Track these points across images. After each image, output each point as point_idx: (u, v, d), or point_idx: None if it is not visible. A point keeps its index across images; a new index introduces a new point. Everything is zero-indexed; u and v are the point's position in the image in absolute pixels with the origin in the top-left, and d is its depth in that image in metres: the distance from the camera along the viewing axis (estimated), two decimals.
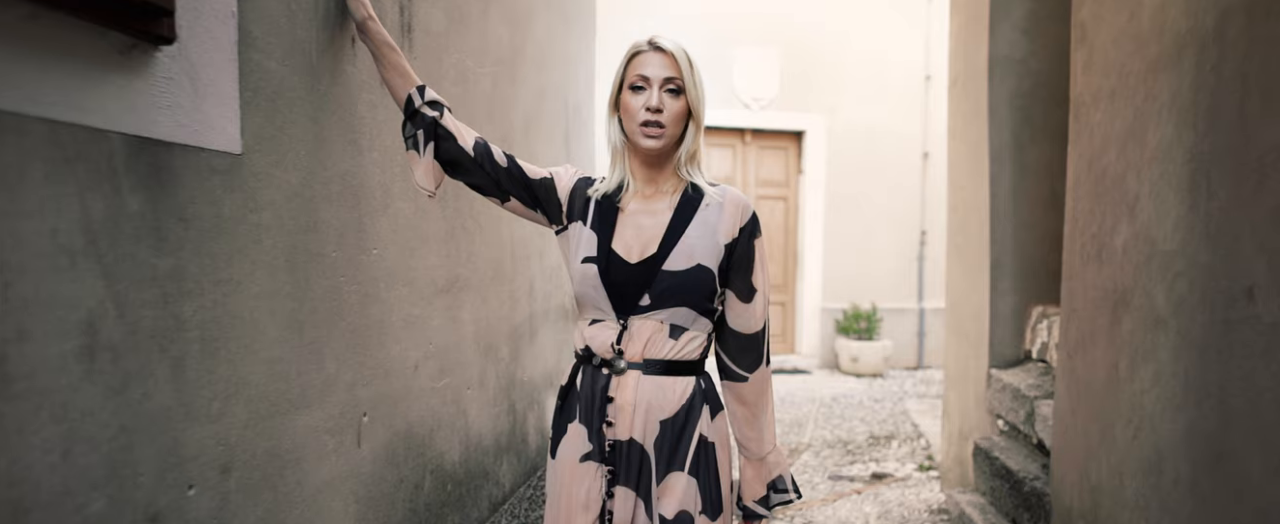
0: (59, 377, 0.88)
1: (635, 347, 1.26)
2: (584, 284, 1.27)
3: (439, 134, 1.30)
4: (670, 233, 1.27)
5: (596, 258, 1.26)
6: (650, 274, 1.24)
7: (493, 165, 1.31)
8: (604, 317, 1.28)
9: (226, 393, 1.15)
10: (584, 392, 1.30)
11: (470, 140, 1.32)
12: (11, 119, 0.82)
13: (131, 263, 0.98)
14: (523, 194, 1.33)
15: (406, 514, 1.69)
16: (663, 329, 1.26)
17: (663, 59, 1.25)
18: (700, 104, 1.28)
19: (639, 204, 1.31)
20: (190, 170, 1.07)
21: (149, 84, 0.99)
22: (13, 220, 0.82)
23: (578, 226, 1.31)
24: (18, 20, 0.82)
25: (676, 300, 1.25)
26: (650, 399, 1.26)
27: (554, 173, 1.36)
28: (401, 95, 1.33)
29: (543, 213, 1.35)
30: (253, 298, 1.20)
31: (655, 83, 1.24)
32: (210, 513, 1.12)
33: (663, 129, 1.24)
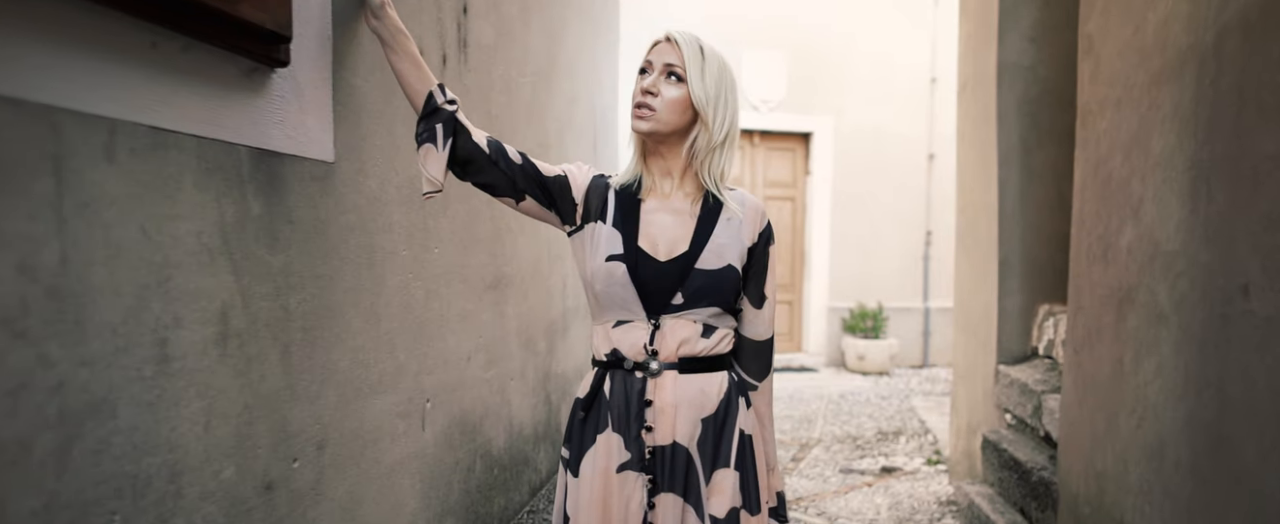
0: (202, 359, 1.01)
1: (669, 346, 1.23)
2: (610, 283, 1.22)
3: (458, 129, 1.23)
4: (700, 233, 1.24)
5: (624, 256, 1.22)
6: (683, 272, 1.22)
7: (508, 163, 1.24)
8: (633, 317, 1.23)
9: (321, 377, 1.28)
10: (615, 398, 1.24)
11: (483, 138, 1.26)
12: (172, 136, 0.94)
13: (253, 260, 1.10)
14: (538, 193, 1.27)
15: (461, 495, 1.82)
16: (696, 328, 1.24)
17: (669, 46, 1.23)
18: (709, 103, 1.22)
19: (657, 202, 1.27)
20: (296, 177, 1.20)
21: (267, 101, 1.12)
22: (171, 223, 0.95)
23: (597, 226, 1.26)
24: (177, 51, 0.95)
25: (709, 299, 1.23)
26: (690, 398, 1.23)
27: (567, 170, 1.30)
28: (418, 88, 1.23)
29: (556, 213, 1.29)
30: (341, 292, 1.33)
31: (656, 67, 1.23)
32: (309, 485, 1.25)
33: (650, 111, 1.21)
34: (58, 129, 0.80)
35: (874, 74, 7.26)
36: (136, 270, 0.90)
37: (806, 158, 7.45)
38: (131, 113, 0.89)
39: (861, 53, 7.23)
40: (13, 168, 0.75)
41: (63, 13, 0.80)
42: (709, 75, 1.23)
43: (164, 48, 0.93)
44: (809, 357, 7.32)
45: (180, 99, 0.96)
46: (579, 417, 1.27)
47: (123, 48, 0.88)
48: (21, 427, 0.77)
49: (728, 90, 1.25)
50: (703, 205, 1.27)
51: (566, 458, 1.29)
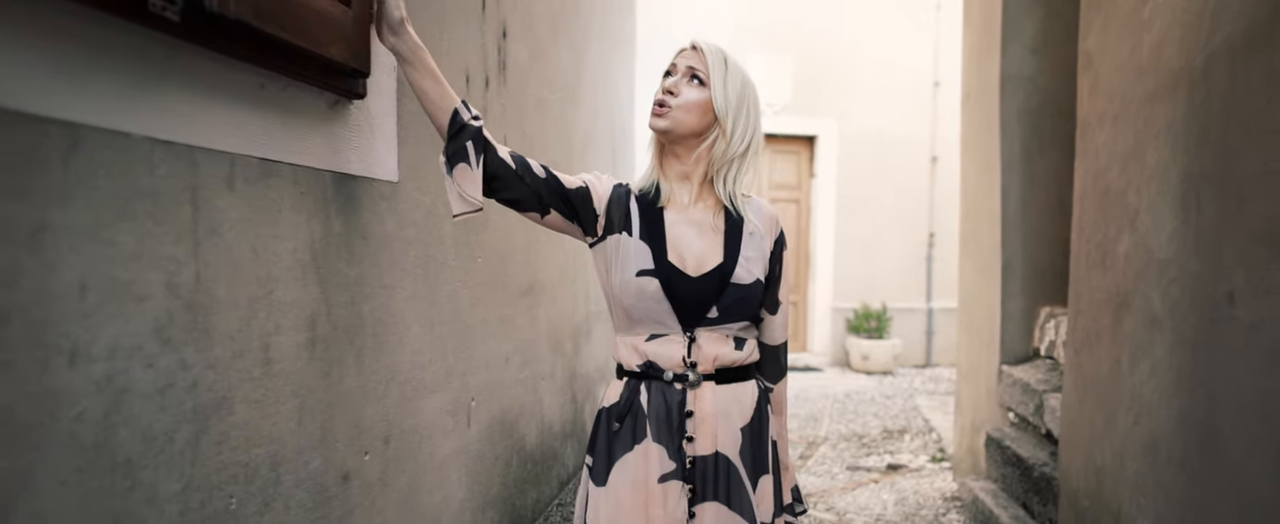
0: (295, 362, 1.13)
1: (706, 359, 1.24)
2: (642, 298, 1.22)
3: (487, 145, 1.19)
4: (729, 247, 1.25)
5: (656, 271, 1.22)
6: (718, 287, 1.23)
7: (533, 177, 1.22)
8: (667, 331, 1.24)
9: (387, 378, 1.40)
10: (655, 409, 1.24)
11: (507, 153, 1.23)
12: (275, 166, 1.07)
13: (334, 273, 1.23)
14: (562, 206, 1.25)
15: (500, 488, 1.95)
16: (728, 341, 1.26)
17: (693, 52, 1.25)
18: (729, 111, 1.23)
19: (677, 213, 1.27)
20: (367, 197, 1.32)
21: (346, 130, 1.25)
22: (274, 242, 1.08)
23: (621, 238, 1.25)
24: (279, 91, 1.07)
25: (741, 313, 1.25)
26: (728, 408, 1.25)
27: (588, 181, 1.29)
28: (441, 104, 1.18)
29: (579, 225, 1.28)
30: (403, 300, 1.46)
31: (679, 70, 1.25)
32: (377, 475, 1.37)
33: (668, 109, 1.22)
34: (194, 165, 0.92)
35: (878, 78, 7.39)
36: (248, 285, 1.03)
37: (811, 160, 7.57)
38: (246, 147, 1.01)
39: (865, 57, 7.36)
40: (164, 199, 0.88)
41: (196, 62, 0.92)
42: (731, 85, 1.24)
43: (269, 88, 1.06)
44: (814, 356, 7.44)
45: (281, 132, 1.09)
46: (614, 427, 1.26)
47: (239, 90, 1.00)
48: (168, 420, 0.89)
49: (750, 104, 1.26)
50: (727, 219, 1.27)
51: (591, 466, 1.28)
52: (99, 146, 0.79)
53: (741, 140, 1.26)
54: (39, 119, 0.73)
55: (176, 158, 0.90)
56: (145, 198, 0.85)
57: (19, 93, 0.70)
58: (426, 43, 1.52)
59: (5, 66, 0.69)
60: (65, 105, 0.75)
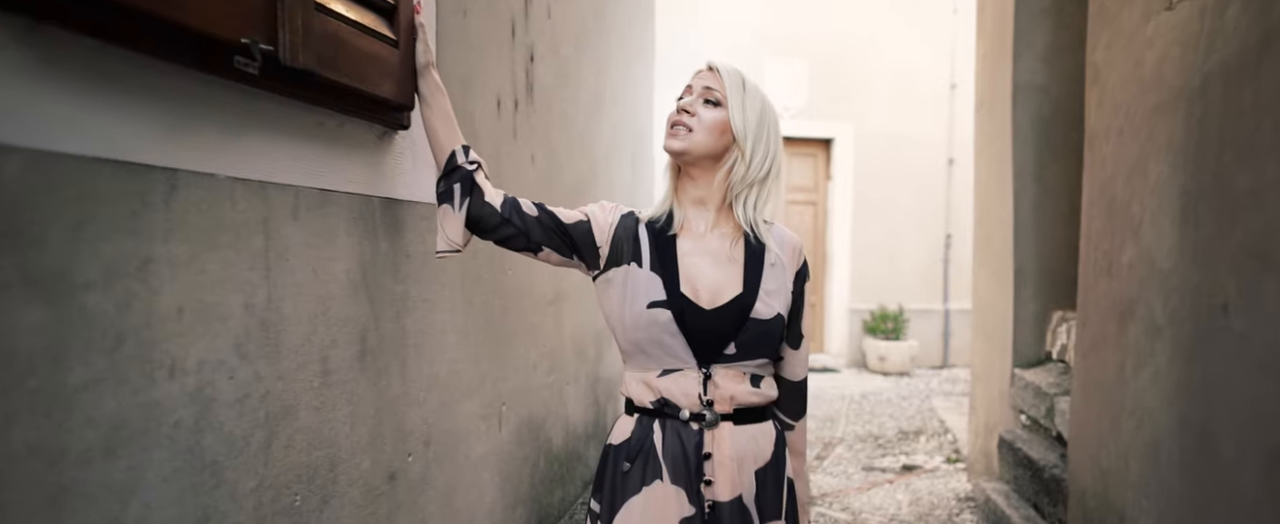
0: (348, 372, 1.25)
1: (723, 397, 1.18)
2: (654, 330, 1.16)
3: (474, 189, 1.21)
4: (749, 278, 1.19)
5: (668, 302, 1.16)
6: (736, 321, 1.17)
7: (520, 217, 1.21)
8: (681, 366, 1.18)
9: (427, 385, 1.52)
10: (670, 450, 1.18)
11: (498, 197, 1.23)
12: (331, 195, 1.19)
13: (382, 290, 1.34)
14: (556, 241, 1.22)
15: (528, 487, 2.06)
16: (746, 379, 1.20)
17: (709, 74, 1.22)
18: (748, 134, 1.19)
19: (692, 242, 1.22)
20: (410, 218, 1.44)
21: (392, 159, 1.36)
22: (331, 263, 1.19)
23: (629, 269, 1.20)
24: (335, 127, 1.19)
25: (760, 350, 1.19)
26: (746, 450, 1.20)
27: (589, 213, 1.25)
28: (445, 146, 1.23)
29: (580, 259, 1.24)
30: (441, 312, 1.57)
31: (696, 91, 1.21)
32: (420, 475, 1.49)
33: (684, 130, 1.18)
34: (266, 198, 1.04)
35: (894, 80, 7.44)
36: (309, 303, 1.14)
37: (828, 163, 7.64)
38: (307, 179, 1.13)
39: (882, 60, 7.41)
40: (242, 231, 0.99)
41: (267, 107, 1.04)
42: (750, 106, 1.19)
43: (327, 125, 1.17)
44: (831, 357, 7.51)
45: (337, 164, 1.20)
46: (623, 468, 1.20)
47: (302, 129, 1.12)
48: (245, 425, 1.01)
49: (769, 127, 1.22)
50: (746, 247, 1.21)
51: (596, 511, 1.23)
52: (193, 188, 0.91)
53: (762, 164, 1.20)
54: (148, 167, 0.84)
55: (252, 193, 1.01)
56: (227, 230, 0.97)
57: (133, 147, 0.82)
58: (462, 71, 1.65)
59: (124, 125, 0.81)
60: (167, 154, 0.87)
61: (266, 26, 0.94)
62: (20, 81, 0.69)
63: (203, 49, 0.87)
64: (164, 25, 0.80)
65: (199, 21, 0.84)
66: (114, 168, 0.80)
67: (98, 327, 0.79)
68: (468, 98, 1.65)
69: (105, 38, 0.76)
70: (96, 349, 0.79)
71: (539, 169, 2.14)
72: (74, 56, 0.75)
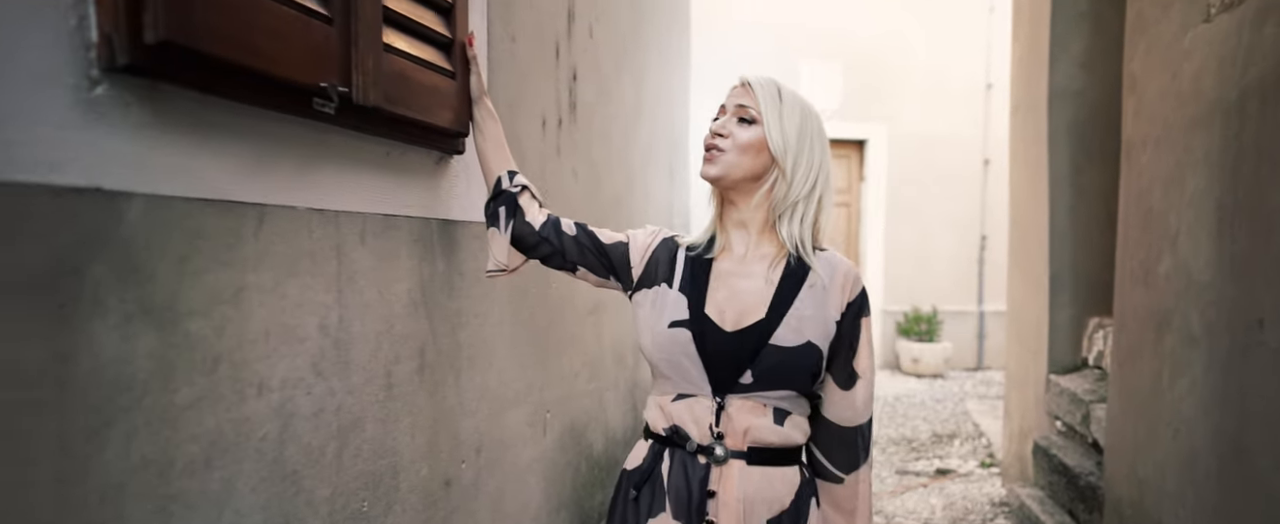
0: (408, 385, 1.33)
1: (736, 431, 1.10)
2: (673, 351, 1.12)
3: (516, 210, 1.26)
4: (778, 301, 1.11)
5: (689, 322, 1.12)
6: (753, 347, 1.09)
7: (558, 236, 1.24)
8: (696, 392, 1.12)
9: (479, 395, 1.60)
10: (675, 483, 1.13)
11: (540, 217, 1.26)
12: (395, 220, 1.27)
13: (439, 307, 1.42)
14: (593, 260, 1.23)
15: (571, 492, 2.14)
16: (766, 413, 1.11)
17: (742, 90, 1.16)
18: (788, 150, 1.12)
19: (731, 263, 1.17)
20: (464, 237, 1.52)
21: (448, 182, 1.44)
22: (394, 284, 1.27)
23: (659, 290, 1.17)
24: (398, 155, 1.27)
25: (782, 381, 1.09)
26: (757, 494, 1.10)
27: (631, 236, 1.26)
28: (494, 170, 1.30)
29: (617, 279, 1.25)
30: (491, 326, 1.65)
31: (729, 110, 1.15)
32: (472, 482, 1.57)
33: (718, 153, 1.13)
34: (338, 226, 1.12)
35: (929, 81, 7.40)
36: (375, 322, 1.22)
37: (861, 164, 7.63)
38: (374, 206, 1.21)
39: (916, 60, 7.38)
40: (318, 257, 1.07)
41: (339, 141, 1.12)
42: (788, 120, 1.12)
43: (392, 154, 1.25)
44: None
45: (399, 190, 1.28)
46: (631, 495, 1.17)
47: (369, 159, 1.20)
48: (321, 437, 1.09)
49: (813, 140, 1.14)
50: (785, 268, 1.14)
51: None
52: (277, 220, 0.99)
53: (805, 180, 1.13)
54: (240, 204, 0.92)
55: (326, 222, 1.09)
56: (306, 257, 1.05)
57: (228, 186, 0.90)
58: (511, 94, 1.72)
59: (219, 167, 0.89)
60: (255, 191, 0.95)
61: (342, 70, 1.02)
62: (141, 135, 0.77)
63: (287, 94, 0.95)
64: (257, 76, 0.88)
65: (287, 71, 0.92)
66: (213, 206, 0.88)
67: (199, 350, 0.87)
68: (515, 119, 1.73)
69: (207, 90, 0.84)
70: (198, 370, 0.87)
71: (581, 183, 2.21)
72: (181, 110, 0.83)
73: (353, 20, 1.04)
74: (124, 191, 0.76)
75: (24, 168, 0.65)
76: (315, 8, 0.97)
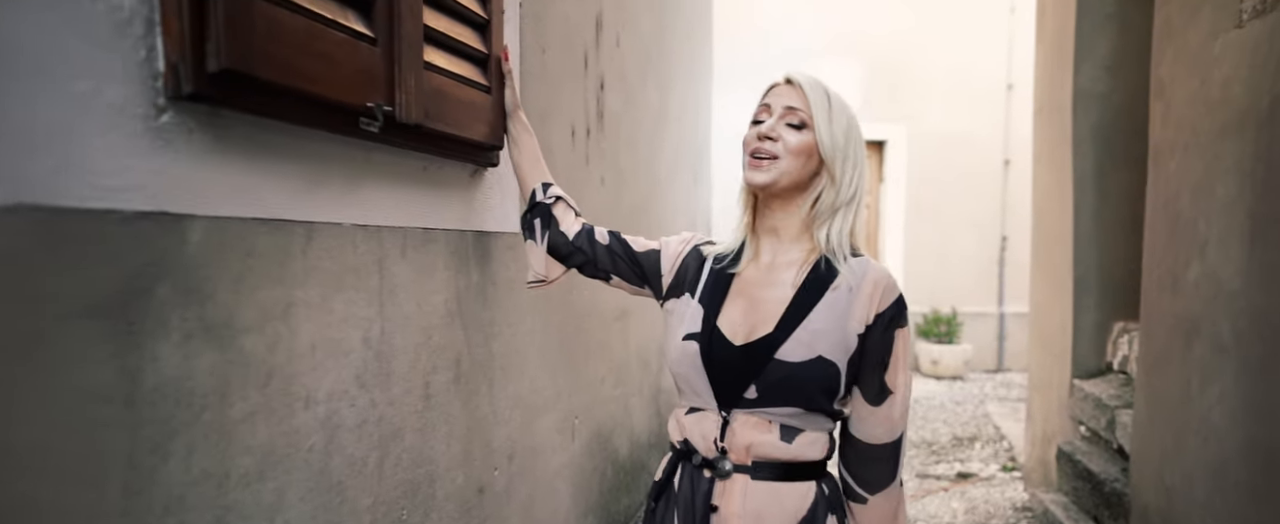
0: (444, 395, 1.35)
1: (738, 446, 1.07)
2: (682, 364, 1.10)
3: (551, 220, 1.27)
4: (790, 313, 1.06)
5: (699, 335, 1.09)
6: (758, 362, 1.05)
7: (590, 244, 1.25)
8: (704, 406, 1.10)
9: (511, 403, 1.62)
10: (682, 496, 1.11)
11: (574, 226, 1.27)
12: (432, 232, 1.29)
13: (473, 317, 1.45)
14: (626, 269, 1.23)
15: (598, 496, 2.16)
16: (772, 429, 1.06)
17: (791, 90, 1.09)
18: (837, 154, 1.07)
19: (758, 272, 1.12)
20: (497, 248, 1.54)
21: (482, 194, 1.46)
22: (432, 296, 1.29)
23: (684, 300, 1.15)
24: (436, 170, 1.29)
25: (788, 398, 1.04)
26: (762, 509, 1.06)
27: (664, 243, 1.24)
28: (529, 183, 1.32)
29: (650, 287, 1.23)
30: (522, 335, 1.67)
31: (776, 111, 1.08)
32: (504, 488, 1.59)
33: (771, 161, 1.06)
34: (381, 241, 1.14)
35: (949, 81, 7.36)
36: (414, 334, 1.25)
37: (881, 165, 7.60)
38: (413, 220, 1.23)
39: (936, 60, 7.34)
40: (362, 272, 1.10)
41: (381, 158, 1.14)
42: (837, 123, 1.08)
43: (429, 168, 1.28)
44: None
45: (437, 204, 1.30)
46: (650, 506, 1.18)
47: (408, 174, 1.22)
48: (364, 448, 1.12)
49: (856, 142, 1.10)
50: (810, 274, 1.09)
51: None
52: (324, 237, 1.02)
53: (850, 185, 1.09)
54: (290, 222, 0.95)
55: (369, 237, 1.12)
56: (350, 272, 1.08)
57: (279, 205, 0.93)
58: (542, 105, 1.74)
59: (272, 187, 0.92)
60: (304, 209, 0.97)
61: (386, 89, 1.05)
62: (203, 159, 0.80)
63: (336, 114, 0.98)
64: (309, 99, 0.91)
65: (336, 92, 0.94)
66: (266, 225, 0.91)
67: (252, 365, 0.90)
68: (546, 129, 1.75)
69: (262, 114, 0.87)
70: (252, 385, 0.90)
71: (608, 191, 2.23)
72: (238, 133, 0.85)
73: (396, 40, 1.06)
74: (187, 214, 0.79)
75: (99, 195, 0.68)
76: (362, 29, 1.00)
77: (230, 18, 0.76)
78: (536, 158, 1.36)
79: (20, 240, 0.61)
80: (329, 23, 0.93)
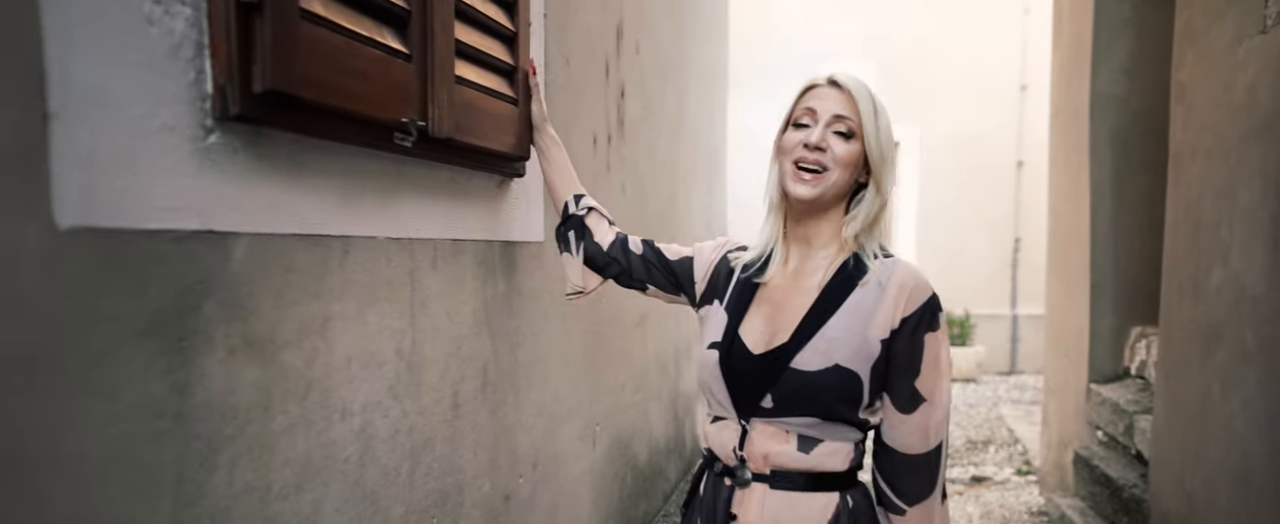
0: (472, 403, 1.36)
1: (758, 455, 1.05)
2: (704, 372, 1.09)
3: (584, 232, 1.28)
4: (809, 320, 1.03)
5: (720, 343, 1.08)
6: (774, 371, 1.02)
7: (625, 254, 1.25)
8: (725, 414, 1.09)
9: (535, 411, 1.63)
10: (705, 503, 1.11)
11: (608, 236, 1.27)
12: (461, 243, 1.30)
13: (499, 326, 1.46)
14: (661, 277, 1.23)
15: (617, 502, 2.17)
16: (789, 439, 1.03)
17: (839, 95, 1.03)
18: (884, 163, 1.04)
19: (784, 279, 1.10)
20: (522, 257, 1.55)
21: (508, 204, 1.47)
22: (460, 306, 1.31)
23: (714, 307, 1.13)
24: (464, 181, 1.30)
25: (804, 407, 1.01)
26: (779, 519, 1.03)
27: (698, 249, 1.22)
28: (561, 196, 1.33)
29: (685, 295, 1.22)
30: (546, 344, 1.68)
31: (822, 118, 1.03)
32: (528, 495, 1.60)
33: (821, 173, 1.02)
34: (412, 253, 1.16)
35: (962, 82, 7.34)
36: (443, 344, 1.26)
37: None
38: (443, 232, 1.24)
39: (949, 61, 7.32)
40: (394, 284, 1.11)
41: (412, 171, 1.16)
42: (882, 129, 1.04)
43: (458, 180, 1.29)
44: None
45: (465, 215, 1.32)
46: (683, 513, 1.19)
47: (437, 186, 1.23)
48: (397, 458, 1.13)
49: (893, 145, 1.08)
50: (838, 271, 1.05)
51: None
52: (359, 251, 1.03)
53: (888, 189, 1.07)
54: (328, 237, 0.96)
55: (402, 250, 1.13)
56: (384, 285, 1.09)
57: (318, 221, 0.94)
58: (566, 115, 1.75)
59: (311, 203, 0.93)
60: (341, 224, 0.99)
61: (420, 104, 1.06)
62: (247, 178, 0.81)
63: (372, 130, 0.99)
64: (348, 116, 0.92)
65: (373, 109, 0.95)
66: (305, 241, 0.92)
67: (292, 379, 0.91)
68: (570, 138, 1.76)
69: (302, 132, 0.88)
70: (292, 398, 0.91)
71: (629, 198, 2.24)
72: (280, 152, 0.87)
73: (429, 56, 1.07)
74: (232, 232, 0.80)
75: (157, 215, 0.69)
76: (397, 46, 1.01)
77: (276, 39, 0.77)
78: (566, 169, 1.36)
79: (87, 263, 0.63)
80: (367, 41, 0.94)
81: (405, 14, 1.03)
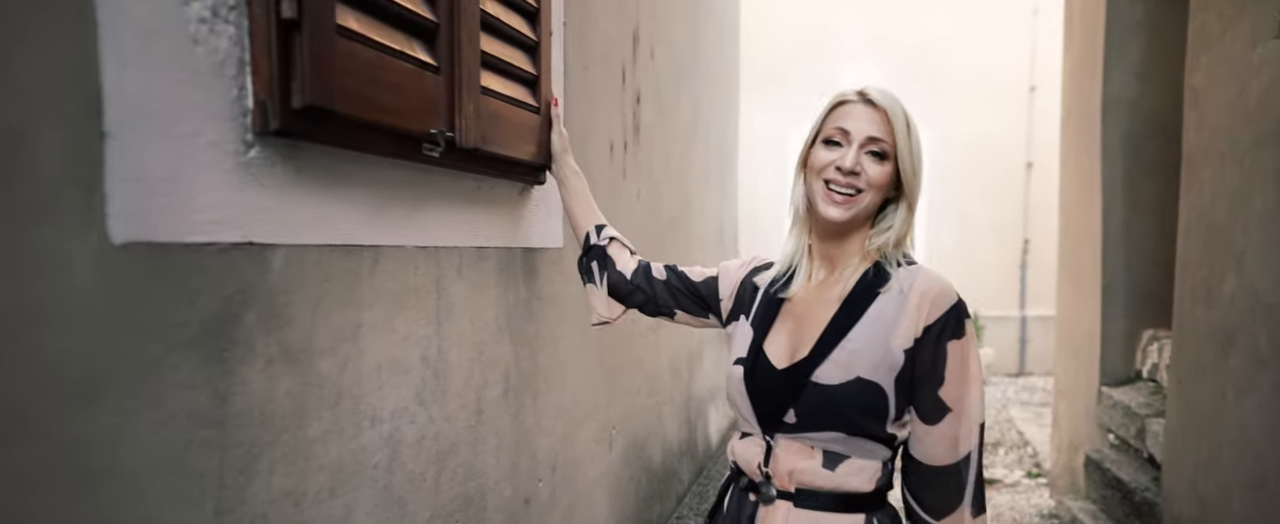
0: (494, 409, 1.38)
1: (783, 472, 1.03)
2: (730, 388, 1.09)
3: (607, 261, 1.28)
4: (829, 333, 1.02)
5: (745, 359, 1.08)
6: (796, 386, 1.01)
7: (649, 282, 1.24)
8: (751, 430, 1.08)
9: (554, 416, 1.65)
10: (729, 518, 1.11)
11: (631, 264, 1.27)
12: (484, 251, 1.32)
13: (520, 332, 1.47)
14: (687, 302, 1.22)
15: (632, 504, 2.19)
16: (814, 455, 1.02)
17: (872, 114, 1.01)
18: (916, 181, 1.03)
19: (808, 293, 1.08)
20: (543, 263, 1.57)
21: (529, 211, 1.49)
22: (483, 312, 1.32)
23: (740, 323, 1.13)
24: (488, 189, 1.32)
25: (827, 422, 0.99)
26: None
27: (723, 268, 1.22)
28: (582, 226, 1.33)
29: (713, 315, 1.22)
30: (565, 348, 1.70)
31: (856, 140, 1.00)
32: (548, 499, 1.62)
33: (856, 197, 1.01)
34: (438, 261, 1.17)
35: (971, 83, 7.33)
36: (467, 350, 1.28)
37: None
38: (467, 240, 1.26)
39: (958, 63, 7.31)
40: (421, 293, 1.13)
41: (438, 180, 1.17)
42: (915, 146, 1.02)
43: (482, 188, 1.31)
44: None
45: (489, 223, 1.33)
46: None
47: (462, 194, 1.25)
48: (422, 463, 1.15)
49: (922, 159, 1.06)
50: (859, 280, 1.04)
51: None
52: (388, 260, 1.05)
53: (917, 200, 1.07)
54: (360, 247, 0.98)
55: (428, 258, 1.15)
56: (411, 293, 1.11)
57: (350, 231, 0.96)
58: (584, 123, 1.77)
59: (345, 214, 0.95)
60: (372, 233, 1.00)
61: (448, 115, 1.08)
62: (285, 190, 0.83)
63: (403, 142, 1.01)
64: (379, 128, 0.94)
65: (404, 121, 0.97)
66: (338, 251, 0.94)
67: (326, 386, 0.93)
68: (587, 146, 1.78)
69: (337, 144, 0.90)
70: (325, 405, 0.93)
71: (643, 204, 2.26)
72: (316, 164, 0.88)
73: (457, 67, 1.09)
74: (270, 244, 0.82)
75: (201, 229, 0.71)
76: (426, 59, 1.02)
77: (314, 55, 0.79)
78: (587, 199, 1.37)
79: (137, 276, 0.65)
80: (397, 54, 0.96)
81: (434, 26, 1.04)
